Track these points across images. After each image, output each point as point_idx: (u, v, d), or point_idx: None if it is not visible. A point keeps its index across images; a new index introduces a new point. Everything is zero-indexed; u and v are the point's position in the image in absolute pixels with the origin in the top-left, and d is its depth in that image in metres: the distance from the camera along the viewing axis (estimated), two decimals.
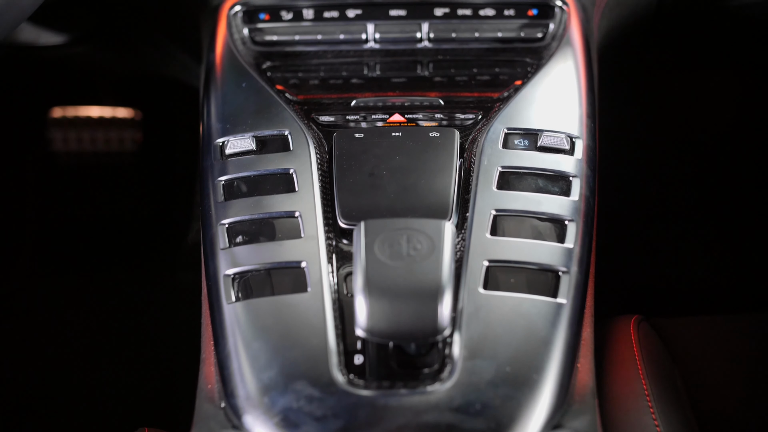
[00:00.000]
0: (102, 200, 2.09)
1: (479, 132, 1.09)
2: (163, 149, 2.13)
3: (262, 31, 1.26)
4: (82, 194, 2.09)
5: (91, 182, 2.10)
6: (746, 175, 2.02)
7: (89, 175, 2.10)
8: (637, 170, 2.02)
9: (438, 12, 1.26)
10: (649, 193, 2.02)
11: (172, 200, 2.08)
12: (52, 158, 2.09)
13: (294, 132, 1.08)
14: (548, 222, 0.99)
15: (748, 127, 2.07)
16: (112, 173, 2.11)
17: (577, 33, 1.22)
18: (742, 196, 2.00)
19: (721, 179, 2.03)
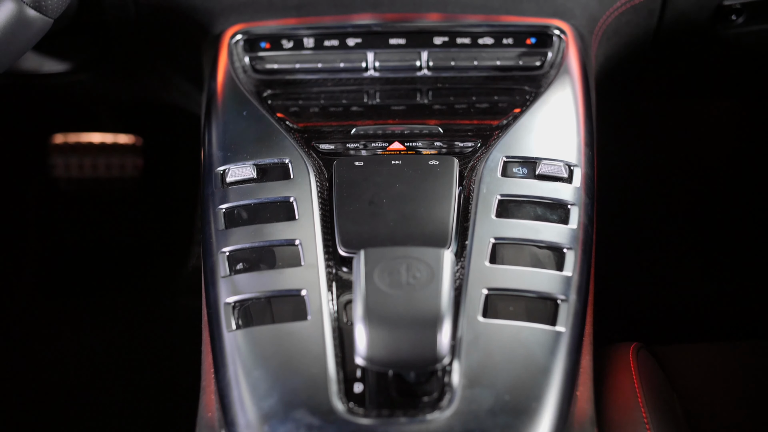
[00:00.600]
0: (103, 225, 2.09)
1: (478, 160, 1.10)
2: (164, 175, 2.13)
3: (263, 59, 1.27)
4: (83, 219, 2.10)
5: (92, 208, 2.11)
6: (745, 202, 2.02)
7: (90, 200, 2.11)
8: (636, 197, 2.03)
9: (437, 41, 1.27)
10: (648, 220, 2.03)
11: (173, 226, 2.08)
12: (53, 184, 2.10)
13: (294, 160, 1.09)
14: (547, 250, 1.00)
15: (746, 154, 2.08)
16: (112, 199, 2.12)
17: (575, 61, 1.23)
18: (742, 223, 2.01)
19: (720, 206, 2.04)
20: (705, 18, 1.37)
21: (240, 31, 1.27)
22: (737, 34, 1.41)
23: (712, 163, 2.08)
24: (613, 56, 1.37)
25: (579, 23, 1.28)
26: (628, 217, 1.97)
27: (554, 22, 1.27)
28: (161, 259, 2.04)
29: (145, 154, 2.11)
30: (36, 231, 2.08)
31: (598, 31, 1.30)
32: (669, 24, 1.36)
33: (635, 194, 2.03)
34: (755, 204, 2.01)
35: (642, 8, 1.33)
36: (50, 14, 1.02)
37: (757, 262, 1.93)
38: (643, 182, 2.05)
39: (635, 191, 2.03)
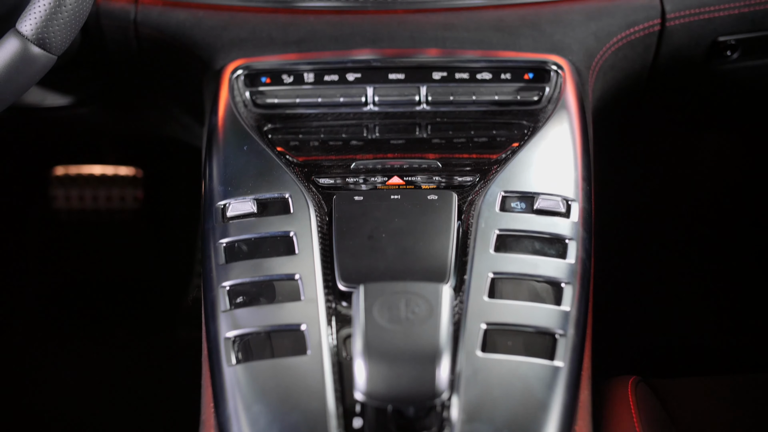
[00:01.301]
0: (103, 257, 2.10)
1: (477, 194, 1.10)
2: (164, 207, 2.14)
3: (264, 93, 1.28)
4: (83, 251, 2.11)
5: (92, 239, 2.12)
6: (744, 235, 2.03)
7: (90, 231, 2.12)
8: (634, 231, 2.04)
9: (436, 76, 1.28)
10: (646, 253, 2.04)
11: (173, 257, 2.09)
12: (53, 215, 2.11)
13: (294, 195, 1.10)
14: (545, 284, 1.01)
15: (744, 187, 2.09)
16: (113, 230, 2.12)
17: (573, 96, 1.25)
18: (741, 255, 2.01)
19: (718, 238, 2.04)
20: (700, 53, 1.39)
21: (241, 66, 1.29)
22: (732, 69, 1.43)
23: (710, 196, 2.09)
24: (609, 91, 1.38)
25: (576, 59, 1.29)
26: (627, 251, 1.98)
27: (551, 57, 1.28)
28: (161, 291, 2.04)
29: (146, 185, 2.12)
30: (36, 262, 2.09)
31: (595, 67, 1.31)
32: (665, 59, 1.38)
33: (633, 228, 2.04)
34: (754, 236, 2.02)
35: (638, 44, 1.34)
36: (54, 51, 1.04)
37: (757, 296, 1.94)
38: (641, 215, 2.06)
39: (633, 225, 2.04)
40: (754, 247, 2.00)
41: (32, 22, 1.01)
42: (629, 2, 1.32)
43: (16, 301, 2.04)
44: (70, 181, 2.10)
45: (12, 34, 1.02)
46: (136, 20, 1.34)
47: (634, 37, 1.33)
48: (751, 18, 1.35)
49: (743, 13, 1.34)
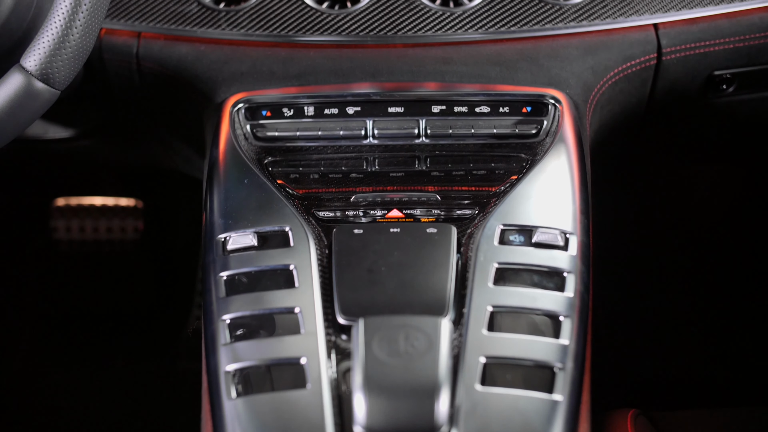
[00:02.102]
0: (103, 288, 2.10)
1: (476, 227, 1.11)
2: (165, 238, 2.15)
3: (264, 126, 1.29)
4: (83, 281, 2.11)
5: (93, 270, 2.12)
6: (742, 266, 2.04)
7: (90, 262, 2.12)
8: (633, 263, 2.04)
9: (435, 109, 1.29)
10: (645, 285, 2.04)
11: (173, 288, 2.09)
12: (54, 246, 2.11)
13: (294, 228, 1.10)
14: (544, 317, 1.01)
15: (742, 219, 2.10)
16: (113, 261, 2.13)
17: (570, 130, 1.26)
18: (740, 287, 2.02)
19: (716, 270, 2.05)
20: (696, 87, 1.40)
21: (241, 99, 1.30)
22: (728, 102, 1.45)
23: (708, 228, 2.09)
24: (607, 124, 1.39)
25: (573, 92, 1.30)
26: (625, 283, 1.99)
27: (549, 91, 1.29)
28: (161, 322, 2.04)
29: (146, 216, 2.13)
30: (36, 292, 2.09)
31: (593, 100, 1.32)
32: (661, 93, 1.39)
33: (632, 260, 2.04)
34: (752, 268, 2.02)
35: (635, 78, 1.36)
36: (57, 86, 1.05)
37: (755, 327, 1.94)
38: (639, 247, 2.07)
39: (632, 257, 2.05)
40: (754, 279, 2.01)
41: (36, 58, 1.02)
42: (626, 37, 1.34)
43: (17, 330, 2.04)
44: (71, 212, 2.11)
45: (16, 69, 1.03)
46: (138, 54, 1.35)
47: (630, 71, 1.34)
48: (746, 52, 1.37)
49: (738, 48, 1.36)
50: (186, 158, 1.60)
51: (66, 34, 1.02)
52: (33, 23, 1.23)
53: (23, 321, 2.06)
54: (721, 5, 1.35)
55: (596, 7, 1.34)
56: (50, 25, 1.02)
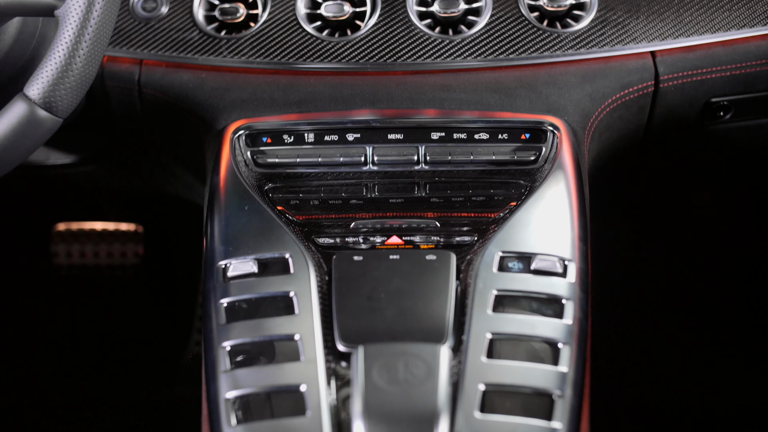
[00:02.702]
0: (102, 313, 2.10)
1: (475, 254, 1.12)
2: (165, 263, 2.16)
3: (265, 153, 1.30)
4: (83, 306, 2.11)
5: (93, 295, 2.12)
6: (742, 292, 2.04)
7: (91, 287, 2.12)
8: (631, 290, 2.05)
9: (434, 136, 1.30)
10: (644, 311, 2.04)
11: (172, 313, 2.10)
12: (54, 271, 2.12)
13: (294, 255, 1.11)
14: (543, 344, 1.02)
15: (740, 245, 2.10)
16: (113, 286, 2.13)
17: (569, 156, 1.26)
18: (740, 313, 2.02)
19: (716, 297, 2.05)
20: (694, 114, 1.41)
21: (242, 126, 1.30)
22: (726, 129, 1.45)
23: (707, 253, 2.10)
24: (605, 150, 1.40)
25: (572, 119, 1.31)
26: (624, 310, 1.99)
27: (548, 118, 1.30)
28: (161, 347, 2.04)
29: (146, 242, 2.14)
30: (36, 317, 2.09)
31: (591, 127, 1.33)
32: (659, 119, 1.40)
33: (631, 287, 2.04)
34: (752, 294, 2.02)
35: (633, 104, 1.37)
36: (60, 114, 1.06)
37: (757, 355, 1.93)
38: (638, 274, 2.07)
39: (630, 283, 2.05)
40: (753, 305, 2.01)
41: (39, 87, 1.03)
42: (623, 64, 1.35)
43: (16, 355, 2.04)
44: (72, 236, 2.12)
45: (19, 98, 1.04)
46: (140, 81, 1.36)
47: (628, 98, 1.35)
48: (743, 80, 1.38)
49: (735, 75, 1.37)
50: (187, 184, 1.60)
51: (69, 63, 1.03)
52: (36, 51, 1.24)
53: (23, 345, 2.06)
54: (717, 33, 1.36)
55: (594, 35, 1.35)
56: (54, 54, 1.03)
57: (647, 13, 1.36)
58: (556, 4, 1.34)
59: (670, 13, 1.36)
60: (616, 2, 1.36)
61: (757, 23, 1.36)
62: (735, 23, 1.36)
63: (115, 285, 2.13)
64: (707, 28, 1.36)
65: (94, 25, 1.03)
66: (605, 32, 1.35)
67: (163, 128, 1.43)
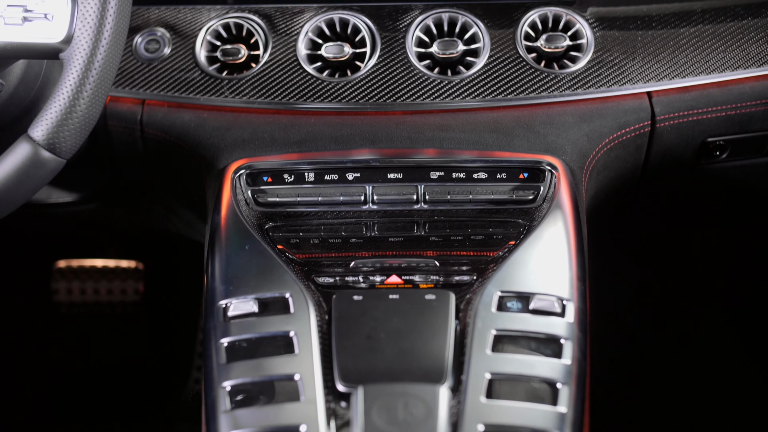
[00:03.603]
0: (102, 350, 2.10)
1: (474, 293, 1.12)
2: (165, 300, 2.16)
3: (265, 192, 1.31)
4: (82, 343, 2.11)
5: (92, 332, 2.12)
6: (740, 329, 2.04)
7: (90, 324, 2.12)
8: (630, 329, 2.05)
9: (433, 175, 1.31)
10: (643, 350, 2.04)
11: (172, 351, 2.09)
12: (54, 308, 2.12)
13: (294, 294, 1.12)
14: (542, 384, 1.02)
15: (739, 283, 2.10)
16: (113, 323, 2.13)
17: (567, 195, 1.27)
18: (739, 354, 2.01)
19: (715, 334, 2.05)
20: (690, 153, 1.42)
21: (243, 165, 1.32)
22: (722, 168, 1.47)
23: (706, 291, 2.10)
24: (603, 189, 1.41)
25: (569, 159, 1.32)
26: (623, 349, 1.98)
27: (546, 158, 1.31)
28: (160, 385, 2.04)
29: (147, 279, 2.14)
30: (35, 355, 2.09)
31: (588, 166, 1.34)
32: (656, 159, 1.41)
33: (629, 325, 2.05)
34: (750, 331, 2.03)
35: (630, 144, 1.38)
36: (64, 155, 1.07)
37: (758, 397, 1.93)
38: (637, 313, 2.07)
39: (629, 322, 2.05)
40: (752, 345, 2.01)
41: (44, 128, 1.04)
42: (620, 105, 1.36)
43: (16, 392, 2.03)
44: (72, 273, 2.12)
45: (24, 139, 1.05)
46: (142, 121, 1.37)
47: (625, 137, 1.37)
48: (738, 120, 1.39)
49: (730, 116, 1.38)
50: (187, 222, 1.61)
51: (73, 105, 1.04)
52: (40, 92, 1.26)
53: (23, 381, 2.05)
54: (712, 74, 1.37)
55: (591, 76, 1.36)
56: (58, 96, 1.04)
57: (643, 54, 1.37)
58: (553, 45, 1.36)
59: (666, 54, 1.38)
60: (613, 43, 1.38)
61: (751, 65, 1.38)
62: (729, 64, 1.37)
63: (115, 322, 2.13)
64: (702, 69, 1.37)
65: (98, 68, 1.05)
66: (602, 73, 1.37)
67: (165, 167, 1.44)
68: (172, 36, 1.40)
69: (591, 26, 1.38)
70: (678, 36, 1.38)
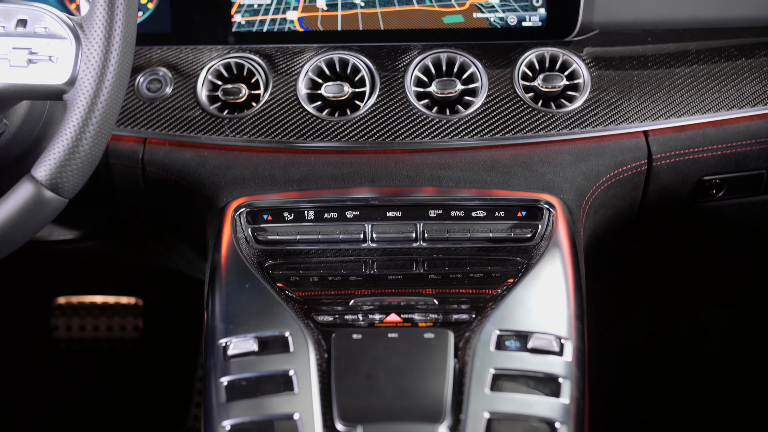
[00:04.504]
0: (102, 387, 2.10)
1: (473, 332, 1.13)
2: (164, 336, 2.16)
3: (265, 230, 1.32)
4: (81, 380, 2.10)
5: (91, 368, 2.12)
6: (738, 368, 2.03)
7: (89, 361, 2.12)
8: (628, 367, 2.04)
9: (432, 213, 1.32)
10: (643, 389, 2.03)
11: (171, 387, 2.09)
12: (53, 345, 2.12)
13: (294, 333, 1.12)
14: (541, 424, 1.02)
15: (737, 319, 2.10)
16: (112, 360, 2.13)
17: (564, 233, 1.28)
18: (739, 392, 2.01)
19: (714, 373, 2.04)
20: (687, 191, 1.43)
21: (243, 204, 1.33)
22: (718, 206, 1.48)
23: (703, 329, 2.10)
24: (600, 227, 1.42)
25: (567, 197, 1.33)
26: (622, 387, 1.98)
27: (543, 196, 1.32)
28: (159, 422, 2.03)
29: (146, 315, 2.14)
30: (35, 390, 2.08)
31: (586, 205, 1.35)
32: (653, 197, 1.42)
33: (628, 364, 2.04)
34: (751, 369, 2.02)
35: (627, 182, 1.39)
36: (66, 195, 1.07)
37: None
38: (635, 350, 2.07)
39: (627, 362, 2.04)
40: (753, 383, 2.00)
41: (47, 169, 1.05)
42: (617, 144, 1.38)
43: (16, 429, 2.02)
44: (72, 310, 2.12)
45: (27, 179, 1.06)
46: (143, 159, 1.38)
47: (622, 176, 1.38)
48: (734, 159, 1.40)
49: (726, 155, 1.40)
50: (188, 259, 1.62)
51: (76, 145, 1.05)
52: (43, 131, 1.27)
53: (22, 419, 2.05)
54: (707, 114, 1.39)
55: (588, 115, 1.38)
56: (61, 137, 1.05)
57: (639, 94, 1.39)
58: (550, 85, 1.38)
59: (662, 94, 1.39)
60: (609, 83, 1.40)
61: (746, 104, 1.39)
62: (724, 104, 1.39)
63: (115, 359, 2.13)
64: (697, 109, 1.39)
65: (101, 109, 1.06)
66: (598, 112, 1.38)
67: (166, 205, 1.45)
68: (174, 75, 1.42)
69: (587, 66, 1.40)
70: (673, 76, 1.40)
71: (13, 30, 1.08)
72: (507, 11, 1.43)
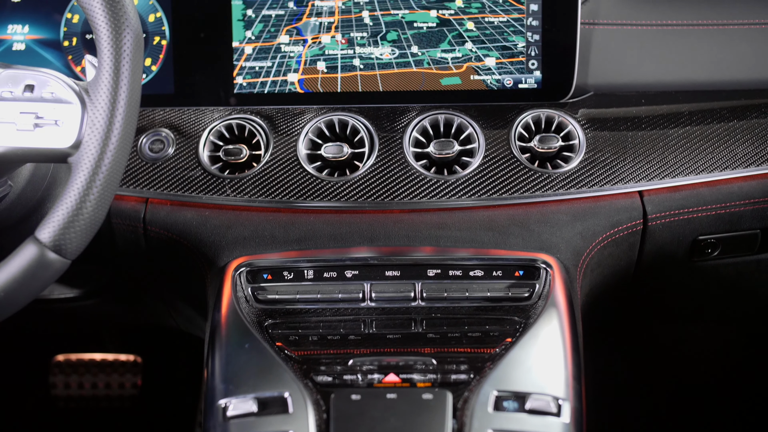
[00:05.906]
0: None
1: (471, 392, 1.13)
2: (163, 394, 2.15)
3: (265, 289, 1.33)
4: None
5: (90, 427, 2.11)
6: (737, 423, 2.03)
7: (88, 419, 2.11)
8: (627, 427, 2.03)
9: (430, 273, 1.33)
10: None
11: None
12: (52, 402, 2.11)
13: (293, 393, 1.12)
14: None
15: (734, 378, 2.10)
16: (110, 418, 2.12)
17: (562, 293, 1.29)
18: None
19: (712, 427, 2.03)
20: (683, 251, 1.45)
21: (243, 263, 1.34)
22: (714, 265, 1.49)
23: (701, 387, 2.09)
24: (597, 286, 1.43)
25: (564, 257, 1.35)
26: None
27: (541, 255, 1.34)
28: None
29: (145, 372, 2.14)
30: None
31: (583, 264, 1.37)
32: (649, 256, 1.43)
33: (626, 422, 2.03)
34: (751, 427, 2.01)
35: (623, 242, 1.40)
36: (69, 257, 1.08)
37: None
38: (633, 408, 2.06)
39: (626, 421, 2.04)
40: None
41: (50, 231, 1.06)
42: (612, 204, 1.39)
43: None
44: (71, 367, 2.12)
45: (30, 241, 1.07)
46: (145, 219, 1.40)
47: (618, 236, 1.39)
48: (728, 219, 1.42)
49: (720, 215, 1.41)
50: (187, 318, 1.62)
51: (80, 208, 1.06)
52: (47, 192, 1.29)
53: None
54: (701, 174, 1.41)
55: (583, 175, 1.40)
56: (65, 199, 1.06)
57: (634, 154, 1.41)
58: (546, 146, 1.40)
59: (656, 155, 1.41)
60: (604, 144, 1.42)
61: (739, 165, 1.41)
62: (717, 165, 1.41)
63: (114, 416, 2.12)
64: (691, 169, 1.41)
65: (105, 172, 1.07)
66: (594, 173, 1.40)
67: (166, 264, 1.46)
68: (176, 136, 1.44)
69: (582, 127, 1.42)
70: (667, 137, 1.42)
71: (20, 95, 1.10)
72: (503, 74, 1.46)
